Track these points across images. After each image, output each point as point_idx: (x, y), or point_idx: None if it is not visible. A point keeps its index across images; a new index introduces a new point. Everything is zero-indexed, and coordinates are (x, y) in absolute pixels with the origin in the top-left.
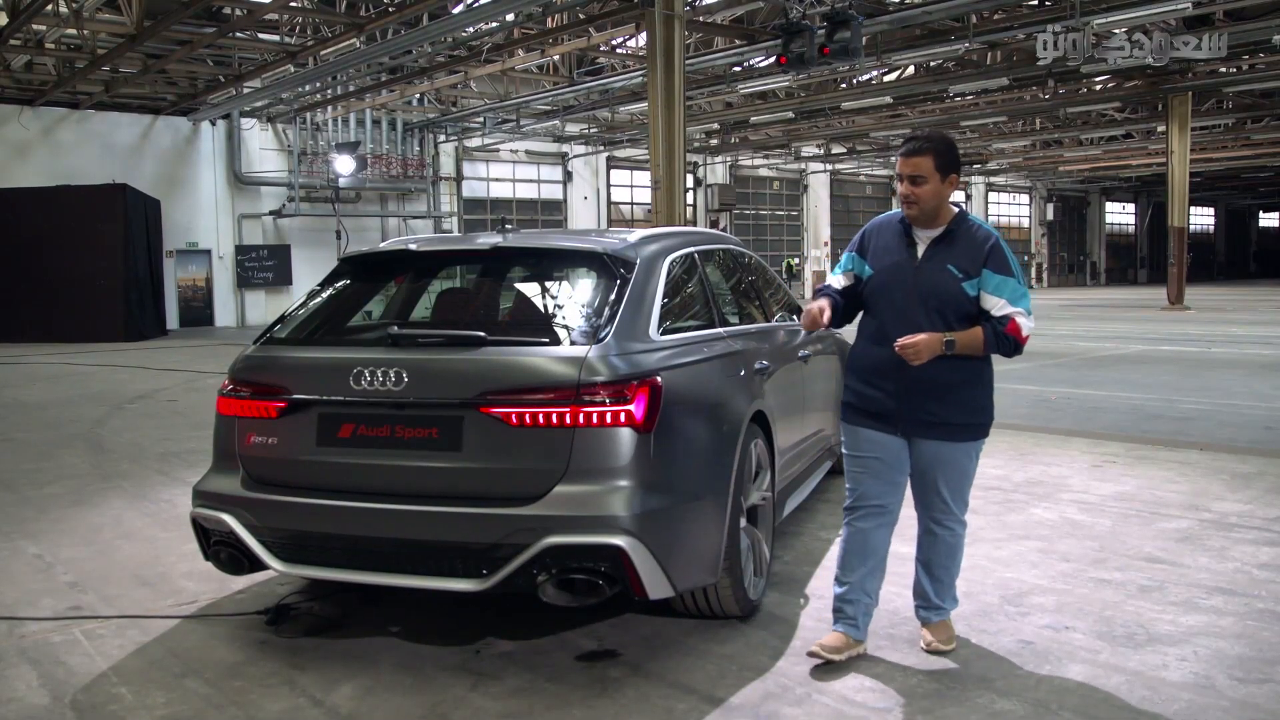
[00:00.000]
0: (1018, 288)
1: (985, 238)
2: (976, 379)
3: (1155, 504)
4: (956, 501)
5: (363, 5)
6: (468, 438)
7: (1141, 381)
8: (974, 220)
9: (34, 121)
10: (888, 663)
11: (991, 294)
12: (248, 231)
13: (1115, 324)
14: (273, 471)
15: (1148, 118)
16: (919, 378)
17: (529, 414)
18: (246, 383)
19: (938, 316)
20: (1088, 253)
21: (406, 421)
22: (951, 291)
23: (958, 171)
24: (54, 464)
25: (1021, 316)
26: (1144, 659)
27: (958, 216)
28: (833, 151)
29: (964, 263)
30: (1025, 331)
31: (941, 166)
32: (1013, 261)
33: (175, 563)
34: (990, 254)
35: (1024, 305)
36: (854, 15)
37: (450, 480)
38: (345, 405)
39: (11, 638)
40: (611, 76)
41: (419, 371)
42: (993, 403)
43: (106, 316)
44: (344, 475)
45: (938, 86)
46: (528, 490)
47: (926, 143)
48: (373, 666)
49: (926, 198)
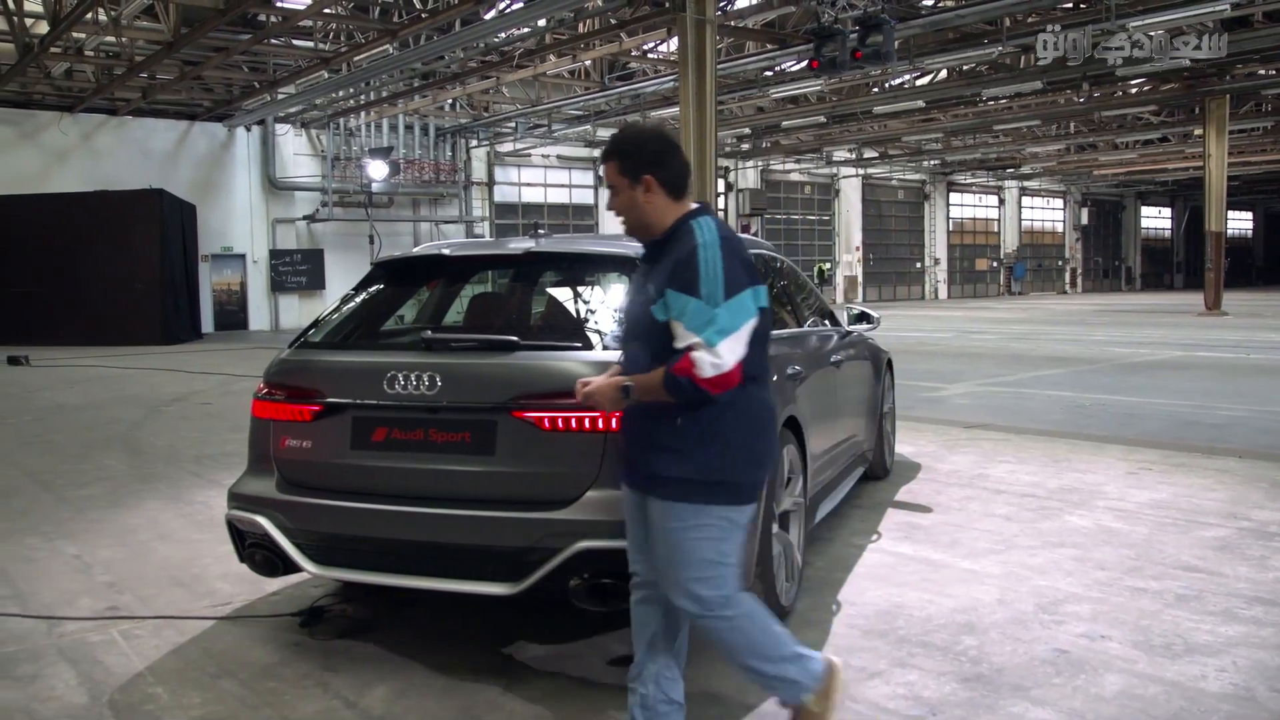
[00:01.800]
0: (703, 310)
1: (686, 245)
2: (703, 426)
3: (1193, 512)
4: (676, 585)
5: (396, 11)
6: (501, 441)
7: (1178, 388)
8: (695, 223)
9: (73, 128)
10: (921, 669)
11: (675, 318)
12: (281, 236)
13: (1151, 329)
14: (307, 474)
15: (1184, 120)
16: (633, 420)
17: (562, 418)
18: (281, 386)
19: (642, 349)
20: (1123, 257)
21: (440, 425)
22: (642, 318)
23: (656, 170)
24: (92, 465)
25: (700, 350)
26: (1182, 669)
27: (678, 221)
28: (864, 156)
29: (658, 280)
30: (702, 369)
31: (629, 170)
32: (708, 273)
33: (210, 564)
34: (677, 268)
35: (707, 334)
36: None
37: (483, 484)
38: (379, 409)
39: (50, 637)
40: (643, 81)
41: (452, 376)
42: (744, 457)
43: (143, 320)
44: (377, 479)
45: (970, 90)
46: (561, 494)
47: (610, 145)
48: (405, 669)
49: (622, 210)
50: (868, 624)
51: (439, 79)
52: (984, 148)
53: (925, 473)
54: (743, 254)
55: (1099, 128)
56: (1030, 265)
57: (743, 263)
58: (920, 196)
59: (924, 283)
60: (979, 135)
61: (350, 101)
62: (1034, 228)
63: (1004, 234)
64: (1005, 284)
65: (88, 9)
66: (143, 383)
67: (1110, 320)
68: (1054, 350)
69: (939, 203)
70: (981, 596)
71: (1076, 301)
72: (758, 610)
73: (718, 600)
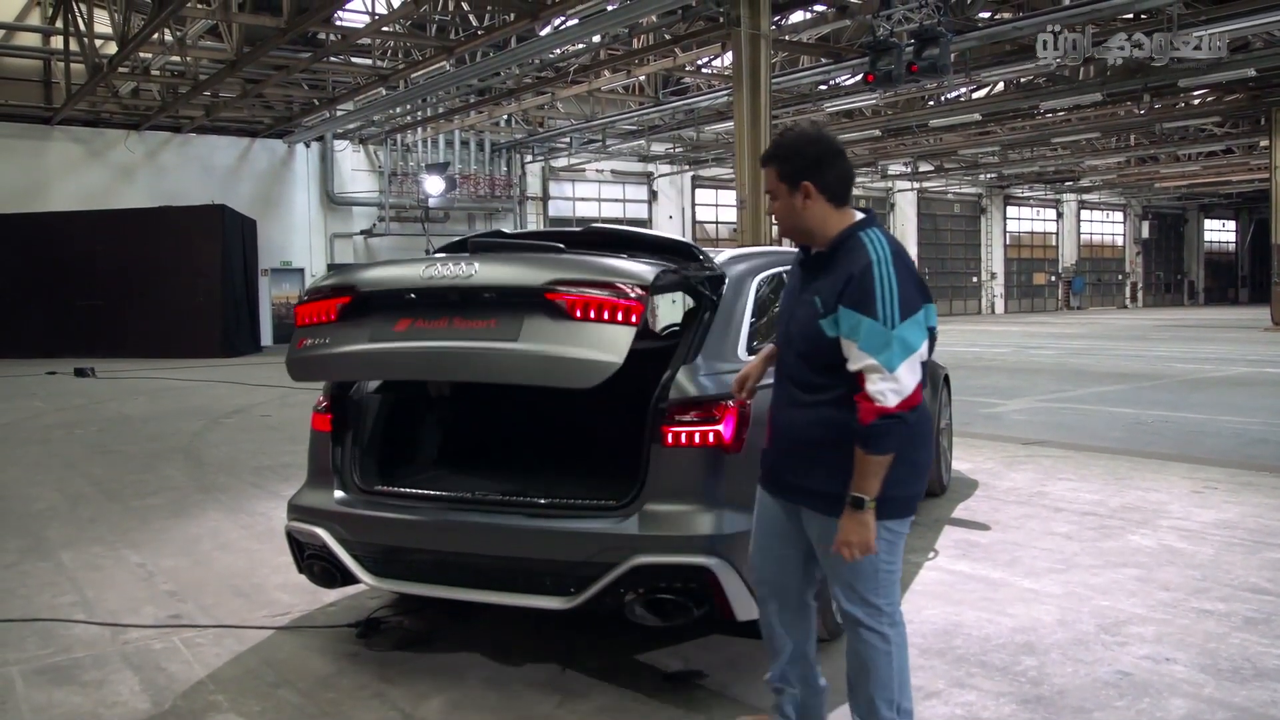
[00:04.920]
0: (880, 332)
1: (859, 260)
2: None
3: (1261, 532)
4: (850, 594)
5: (452, 29)
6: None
7: (1244, 405)
8: (865, 235)
9: (139, 145)
10: (980, 690)
11: (847, 337)
12: (339, 251)
13: (1215, 345)
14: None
15: (1249, 131)
16: (782, 422)
17: (594, 303)
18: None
19: (805, 362)
20: (1185, 271)
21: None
22: (810, 331)
23: (815, 176)
24: (155, 476)
25: (877, 378)
26: (1251, 694)
27: (845, 231)
28: (920, 169)
29: (826, 293)
30: (886, 400)
31: (788, 176)
32: (884, 293)
33: (269, 574)
34: (849, 283)
35: (885, 357)
36: (943, 32)
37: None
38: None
39: (115, 643)
40: (697, 96)
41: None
42: (908, 471)
43: (204, 333)
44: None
45: (1028, 102)
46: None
47: (770, 150)
48: (460, 681)
49: (781, 217)
50: (925, 642)
51: (494, 95)
52: (1042, 160)
53: (983, 490)
54: (915, 271)
55: (1160, 140)
56: (1089, 279)
57: (915, 281)
58: (977, 210)
59: (981, 297)
60: (1036, 148)
61: (407, 118)
62: (1093, 241)
63: (1062, 248)
64: (1064, 298)
65: (154, 30)
66: (204, 395)
67: (1172, 335)
68: (1115, 366)
69: (996, 216)
70: (1041, 616)
71: (1137, 316)
72: (906, 648)
73: (887, 607)
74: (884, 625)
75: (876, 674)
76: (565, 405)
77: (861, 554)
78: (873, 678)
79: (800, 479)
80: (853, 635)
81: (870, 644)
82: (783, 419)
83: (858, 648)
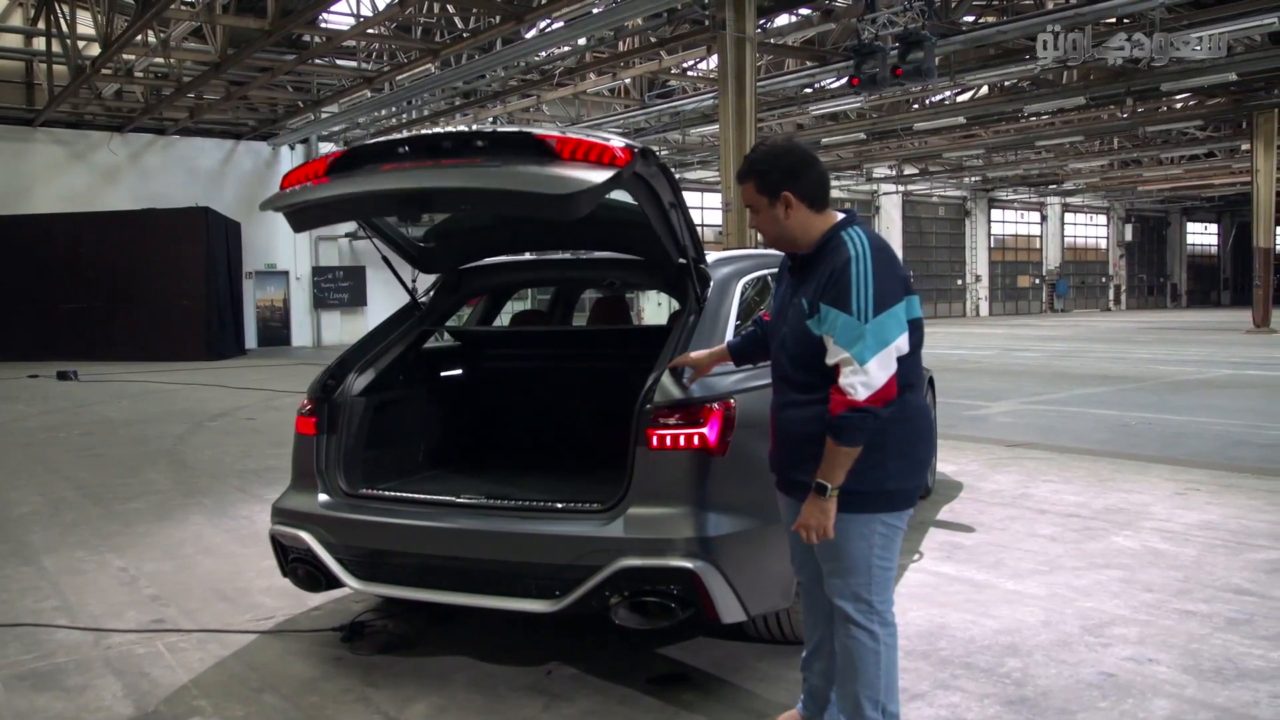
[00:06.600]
0: (853, 326)
1: (839, 257)
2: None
3: (1242, 533)
4: (843, 590)
5: (438, 31)
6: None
7: (1226, 407)
8: (846, 234)
9: (122, 147)
10: (964, 691)
11: (826, 333)
12: (324, 253)
13: (1197, 347)
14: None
15: (1231, 135)
16: (780, 422)
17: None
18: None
19: (797, 365)
20: (1168, 274)
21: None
22: (800, 332)
23: (794, 185)
24: (139, 479)
25: (847, 368)
26: (1233, 694)
27: (828, 232)
28: (905, 172)
29: (811, 294)
30: (855, 393)
31: (766, 189)
32: (859, 287)
33: (254, 578)
34: (829, 281)
35: (857, 350)
36: (927, 36)
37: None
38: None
39: (98, 648)
40: (683, 99)
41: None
42: (904, 466)
43: (188, 335)
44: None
45: (1012, 106)
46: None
47: (745, 166)
48: (445, 685)
49: (765, 229)
50: (910, 644)
51: (480, 98)
52: (1026, 164)
53: (968, 492)
54: (896, 265)
55: (1143, 143)
56: (1073, 282)
57: (895, 274)
58: (961, 213)
59: (965, 300)
60: (1021, 151)
61: (393, 120)
62: (1077, 244)
63: (1046, 250)
64: (1048, 301)
65: (138, 31)
66: (188, 398)
67: (1155, 338)
68: (1098, 368)
69: (980, 219)
70: (1025, 618)
71: (1120, 319)
72: (896, 649)
73: (879, 605)
74: (874, 623)
75: (863, 672)
76: (552, 408)
77: (819, 538)
78: (859, 675)
79: (798, 474)
80: (842, 630)
81: (859, 641)
82: (781, 419)
83: (846, 644)
